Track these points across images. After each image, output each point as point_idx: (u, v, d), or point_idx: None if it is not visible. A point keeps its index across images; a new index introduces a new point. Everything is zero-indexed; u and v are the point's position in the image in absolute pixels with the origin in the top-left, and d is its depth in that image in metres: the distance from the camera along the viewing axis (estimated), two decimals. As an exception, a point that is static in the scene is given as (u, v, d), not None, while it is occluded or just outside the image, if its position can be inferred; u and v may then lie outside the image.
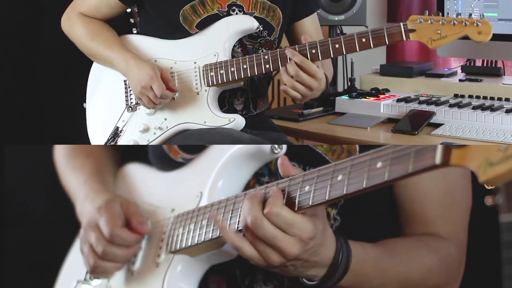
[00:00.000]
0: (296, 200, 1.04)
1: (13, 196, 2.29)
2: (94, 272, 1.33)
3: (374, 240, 1.22)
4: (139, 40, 1.81)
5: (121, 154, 1.58)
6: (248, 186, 1.23)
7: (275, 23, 1.80)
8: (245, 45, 1.78)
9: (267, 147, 1.20)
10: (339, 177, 0.99)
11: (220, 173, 1.24)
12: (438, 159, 0.87)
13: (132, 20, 2.20)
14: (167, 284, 1.21)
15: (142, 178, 1.44)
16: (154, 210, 1.35)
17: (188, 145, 1.39)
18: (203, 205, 1.22)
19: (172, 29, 1.76)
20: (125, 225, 1.31)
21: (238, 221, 1.10)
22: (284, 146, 1.20)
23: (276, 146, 1.20)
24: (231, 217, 1.13)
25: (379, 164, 0.94)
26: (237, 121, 1.67)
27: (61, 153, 1.61)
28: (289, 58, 1.61)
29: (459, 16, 1.55)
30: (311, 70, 1.60)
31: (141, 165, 1.46)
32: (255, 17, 1.76)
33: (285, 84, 1.61)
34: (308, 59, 1.61)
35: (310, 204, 1.02)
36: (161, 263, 1.26)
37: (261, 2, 1.77)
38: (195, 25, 1.74)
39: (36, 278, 2.18)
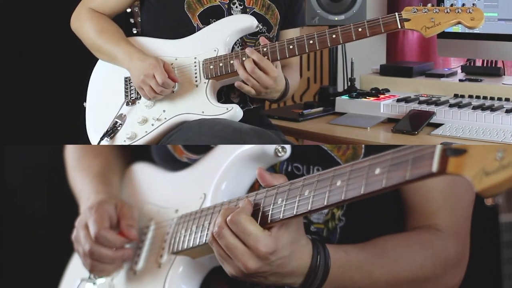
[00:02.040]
0: (281, 209, 1.06)
1: (13, 196, 2.29)
2: (93, 271, 1.34)
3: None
4: (141, 41, 1.84)
5: (130, 153, 1.60)
6: (252, 189, 1.23)
7: (273, 21, 1.86)
8: (246, 42, 1.82)
9: (271, 150, 1.20)
10: (338, 183, 1.00)
11: (224, 175, 1.24)
12: (435, 168, 0.87)
13: (132, 20, 2.20)
14: (168, 284, 1.22)
15: (147, 178, 1.45)
16: (158, 210, 1.35)
17: (193, 145, 1.39)
18: (206, 207, 1.23)
19: (175, 18, 1.79)
20: (115, 227, 1.33)
21: None
22: (288, 149, 1.20)
23: (279, 148, 1.19)
24: None
25: (377, 171, 0.94)
26: (234, 111, 1.69)
27: (70, 152, 1.63)
28: (248, 55, 1.68)
29: (453, 6, 1.61)
30: (268, 69, 1.66)
31: (148, 164, 1.47)
32: (255, 13, 1.81)
33: (240, 81, 1.69)
34: (306, 49, 1.67)
35: (309, 209, 1.03)
36: (163, 263, 1.26)
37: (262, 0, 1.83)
38: (197, 14, 1.79)
39: (36, 278, 2.18)
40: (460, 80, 2.22)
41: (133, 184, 1.47)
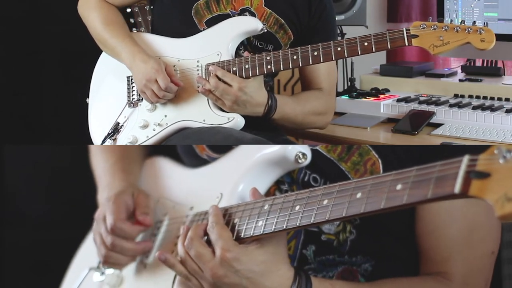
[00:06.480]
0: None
1: (13, 196, 2.30)
2: (107, 263, 1.35)
3: (390, 259, 1.21)
4: (144, 38, 1.82)
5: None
6: (268, 193, 1.23)
7: (284, 41, 1.79)
8: (249, 51, 1.77)
9: (291, 155, 1.19)
10: (359, 195, 0.99)
11: (242, 177, 1.24)
12: (457, 189, 0.86)
13: (132, 20, 2.20)
14: (178, 279, 1.22)
15: (166, 173, 1.45)
16: (173, 206, 1.36)
17: (215, 145, 1.39)
18: (222, 207, 1.22)
19: (182, 20, 1.77)
20: (133, 216, 1.34)
21: (254, 227, 1.11)
22: (309, 156, 1.19)
23: (300, 155, 1.19)
24: (247, 222, 1.13)
25: (399, 187, 0.94)
26: (236, 120, 1.67)
27: None
28: (212, 72, 1.65)
29: (463, 24, 1.55)
30: (232, 81, 1.63)
31: (167, 158, 1.47)
32: None
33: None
34: (309, 61, 1.62)
35: (326, 218, 1.02)
36: None
37: (275, 17, 1.77)
38: (205, 21, 1.76)
39: (36, 278, 2.18)
40: (460, 80, 2.22)
41: (151, 176, 1.47)
